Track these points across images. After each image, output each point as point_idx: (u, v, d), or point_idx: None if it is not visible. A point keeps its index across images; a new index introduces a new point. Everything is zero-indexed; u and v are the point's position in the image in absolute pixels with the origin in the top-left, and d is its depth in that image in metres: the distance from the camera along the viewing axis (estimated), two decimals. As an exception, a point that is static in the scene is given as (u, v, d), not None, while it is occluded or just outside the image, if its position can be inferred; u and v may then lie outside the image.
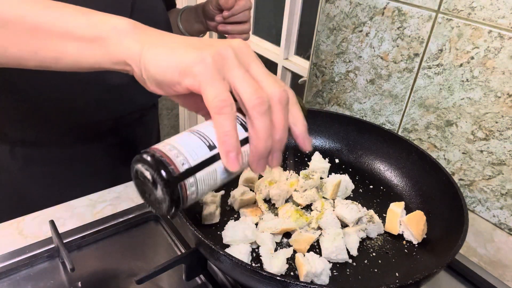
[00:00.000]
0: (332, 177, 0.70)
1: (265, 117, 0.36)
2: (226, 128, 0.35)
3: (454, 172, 0.73)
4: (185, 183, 0.35)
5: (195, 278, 0.58)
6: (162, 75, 0.37)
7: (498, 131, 0.65)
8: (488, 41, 0.64)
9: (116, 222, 0.65)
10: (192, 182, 0.35)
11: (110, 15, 0.40)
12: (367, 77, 0.84)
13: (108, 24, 0.39)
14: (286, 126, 0.38)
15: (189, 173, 0.35)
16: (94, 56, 0.39)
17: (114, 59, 0.39)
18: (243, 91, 0.36)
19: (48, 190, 0.73)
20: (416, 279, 0.45)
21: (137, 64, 0.38)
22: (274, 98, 0.36)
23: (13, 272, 0.56)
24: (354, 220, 0.61)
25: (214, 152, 0.36)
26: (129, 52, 0.38)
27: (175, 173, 0.34)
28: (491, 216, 0.69)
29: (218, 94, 0.35)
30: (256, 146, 0.37)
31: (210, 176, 0.37)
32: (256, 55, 0.39)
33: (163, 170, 0.34)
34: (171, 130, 2.33)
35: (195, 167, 0.35)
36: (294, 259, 0.56)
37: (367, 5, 0.80)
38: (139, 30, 0.39)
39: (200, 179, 0.36)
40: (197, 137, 0.37)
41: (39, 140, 0.70)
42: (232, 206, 0.65)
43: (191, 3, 1.92)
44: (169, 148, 0.35)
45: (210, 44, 0.37)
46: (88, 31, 0.38)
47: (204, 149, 0.36)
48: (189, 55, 0.36)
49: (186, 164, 0.35)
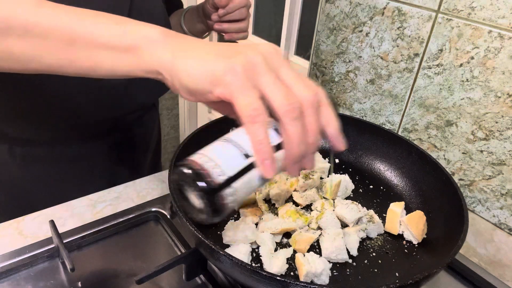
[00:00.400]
0: (332, 177, 0.70)
1: (297, 122, 0.36)
2: (259, 137, 0.36)
3: (454, 172, 0.73)
4: (223, 193, 0.36)
5: (195, 278, 0.58)
6: (194, 85, 0.38)
7: (498, 131, 0.65)
8: (488, 41, 0.64)
9: (116, 222, 0.65)
10: (230, 192, 0.36)
11: (143, 23, 0.41)
12: (367, 77, 0.84)
13: (140, 33, 0.39)
14: (318, 129, 0.38)
15: (227, 184, 0.36)
16: (128, 65, 0.40)
17: (146, 68, 0.40)
18: (274, 98, 0.36)
19: (47, 189, 0.73)
20: (416, 279, 0.45)
21: (169, 74, 0.39)
22: (305, 102, 0.37)
23: (13, 272, 0.56)
24: (354, 220, 0.61)
25: (250, 161, 0.37)
26: (161, 61, 0.39)
27: (213, 185, 0.35)
28: (491, 216, 0.69)
29: (250, 103, 0.35)
30: (290, 151, 0.37)
31: (246, 184, 0.37)
32: (285, 60, 0.39)
33: (202, 183, 0.35)
34: (171, 130, 2.33)
35: (232, 178, 0.36)
36: (294, 259, 0.56)
37: (367, 5, 0.80)
38: (170, 39, 0.40)
39: (237, 188, 0.37)
40: (232, 146, 0.37)
41: (38, 139, 0.70)
42: (232, 206, 0.65)
43: (191, 2, 1.92)
44: (205, 160, 0.36)
45: (239, 52, 0.37)
46: (122, 41, 0.39)
47: (239, 159, 0.37)
48: (219, 65, 0.36)
49: (223, 176, 0.36)
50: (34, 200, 0.72)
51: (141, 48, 0.39)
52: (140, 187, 0.74)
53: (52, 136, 0.71)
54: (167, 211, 0.68)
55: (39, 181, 0.73)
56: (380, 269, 0.56)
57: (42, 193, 0.73)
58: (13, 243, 0.60)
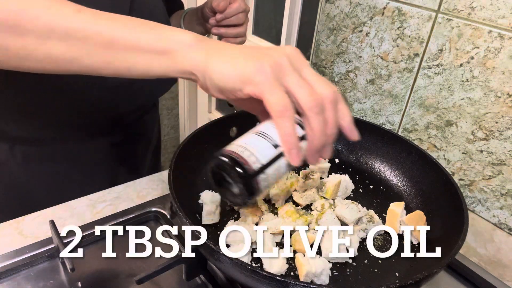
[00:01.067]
0: (332, 177, 0.70)
1: (319, 116, 0.41)
2: (287, 130, 0.41)
3: (454, 172, 0.73)
4: (258, 178, 0.42)
5: (195, 278, 0.58)
6: (225, 83, 0.41)
7: (498, 131, 0.65)
8: (488, 41, 0.64)
9: (116, 222, 0.65)
10: (263, 177, 0.42)
11: (176, 29, 0.44)
12: (367, 77, 0.84)
13: (175, 37, 0.43)
14: (337, 122, 0.43)
15: (261, 170, 0.42)
16: (163, 67, 0.43)
17: (181, 69, 0.43)
18: (300, 95, 0.40)
19: (47, 189, 0.73)
20: (416, 279, 0.45)
21: (202, 74, 0.42)
22: (326, 99, 0.41)
23: (13, 272, 0.56)
24: (354, 220, 0.61)
25: (279, 151, 0.42)
26: (194, 63, 0.42)
27: (250, 171, 0.41)
28: (491, 216, 0.69)
29: (279, 100, 0.40)
30: (312, 142, 0.42)
31: (277, 170, 0.43)
32: (306, 60, 0.44)
33: (240, 169, 0.41)
34: (171, 130, 2.32)
35: (265, 165, 0.42)
36: (294, 259, 0.56)
37: (367, 5, 0.80)
38: (202, 43, 0.43)
39: (269, 174, 0.42)
40: (263, 138, 0.43)
41: (39, 138, 0.70)
42: (232, 206, 0.65)
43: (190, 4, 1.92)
44: (242, 150, 0.42)
45: (266, 53, 0.41)
46: (157, 45, 0.43)
47: (270, 149, 0.42)
48: (250, 65, 0.40)
49: (258, 163, 0.41)
50: (34, 200, 0.72)
51: (176, 51, 0.42)
52: (140, 187, 0.74)
53: (53, 135, 0.71)
54: (167, 211, 0.68)
55: (39, 180, 0.73)
56: (380, 269, 0.56)
57: (42, 192, 0.73)
58: (13, 243, 0.60)
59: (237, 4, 0.75)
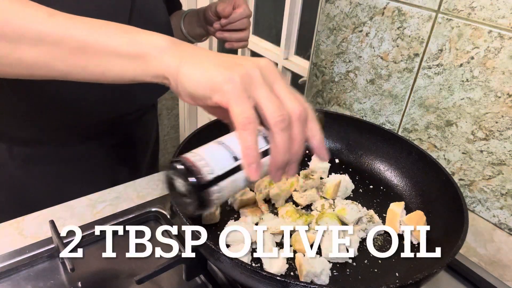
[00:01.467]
0: (332, 177, 0.70)
1: (285, 132, 0.40)
2: (248, 143, 0.39)
3: (454, 172, 0.73)
4: (210, 190, 0.40)
5: (195, 278, 0.58)
6: (195, 90, 0.41)
7: (498, 131, 0.65)
8: (488, 41, 0.64)
9: (116, 222, 0.65)
10: (216, 189, 0.40)
11: (151, 32, 0.44)
12: (367, 77, 0.84)
13: (150, 42, 0.42)
14: (303, 140, 0.42)
15: (214, 182, 0.40)
16: (136, 71, 0.43)
17: (155, 74, 0.43)
18: (266, 109, 0.39)
19: (47, 189, 0.73)
20: (416, 279, 0.45)
21: (174, 79, 0.42)
22: (294, 115, 0.40)
23: (13, 272, 0.56)
24: (354, 220, 0.61)
25: (238, 163, 0.41)
26: (167, 67, 0.42)
27: (202, 181, 0.39)
28: (491, 216, 0.69)
29: (243, 111, 0.39)
30: (275, 158, 0.41)
31: (232, 183, 0.41)
32: (280, 74, 0.43)
33: (192, 178, 0.39)
34: (171, 130, 2.33)
35: (219, 176, 0.40)
36: (294, 259, 0.56)
37: (367, 5, 0.80)
38: (177, 47, 0.42)
39: (223, 186, 0.40)
40: (224, 148, 0.41)
41: (37, 139, 0.70)
42: (232, 206, 0.65)
43: (191, 5, 1.92)
44: (198, 159, 0.40)
45: (239, 63, 0.40)
46: (131, 49, 0.42)
47: (228, 160, 0.40)
48: (220, 74, 0.39)
49: (212, 174, 0.39)
50: (34, 200, 0.72)
51: (150, 55, 0.42)
52: (140, 187, 0.74)
53: (52, 136, 0.71)
54: (167, 211, 0.68)
55: (39, 181, 0.73)
56: (380, 269, 0.56)
57: (42, 193, 0.73)
58: (13, 243, 0.60)
59: (241, 9, 0.76)
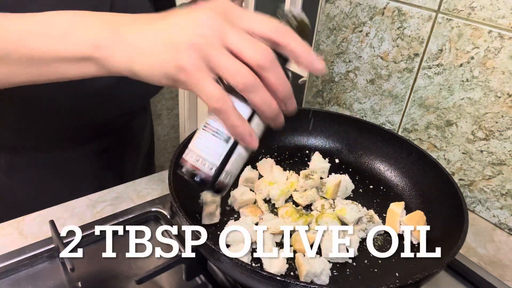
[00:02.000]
0: (332, 177, 0.70)
1: (258, 91, 0.37)
2: (231, 122, 0.38)
3: (454, 172, 0.73)
4: (219, 180, 0.41)
5: (195, 278, 0.58)
6: (158, 84, 0.39)
7: (498, 131, 0.65)
8: (488, 41, 0.64)
9: (116, 222, 0.65)
10: (224, 175, 0.41)
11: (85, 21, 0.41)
12: (367, 77, 0.84)
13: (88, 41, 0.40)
14: (283, 78, 0.38)
15: (219, 172, 0.41)
16: (92, 71, 0.41)
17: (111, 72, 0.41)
18: (229, 78, 0.36)
19: (34, 196, 0.72)
20: (416, 279, 0.45)
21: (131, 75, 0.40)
22: (258, 66, 0.36)
23: (13, 272, 0.56)
24: (354, 220, 0.61)
25: (231, 142, 0.41)
26: (119, 68, 0.40)
27: (207, 179, 0.41)
28: (491, 216, 0.69)
29: (211, 94, 0.37)
30: (264, 115, 0.39)
31: (236, 160, 0.42)
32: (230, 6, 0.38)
33: (198, 178, 0.41)
34: (171, 130, 2.32)
35: (221, 165, 0.41)
36: (294, 259, 0.56)
37: (367, 5, 0.80)
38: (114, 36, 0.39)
39: (229, 169, 0.42)
40: (213, 135, 0.41)
41: (23, 146, 0.69)
42: (232, 206, 0.65)
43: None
44: (195, 158, 0.41)
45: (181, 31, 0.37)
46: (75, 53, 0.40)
47: (222, 146, 0.40)
48: (168, 62, 0.37)
49: (213, 168, 0.41)
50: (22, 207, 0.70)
51: (95, 57, 0.40)
52: (140, 187, 0.74)
53: (38, 143, 0.69)
54: (167, 211, 0.68)
55: (26, 188, 0.71)
56: (380, 269, 0.56)
57: (30, 199, 0.71)
58: (13, 243, 0.60)
59: None
